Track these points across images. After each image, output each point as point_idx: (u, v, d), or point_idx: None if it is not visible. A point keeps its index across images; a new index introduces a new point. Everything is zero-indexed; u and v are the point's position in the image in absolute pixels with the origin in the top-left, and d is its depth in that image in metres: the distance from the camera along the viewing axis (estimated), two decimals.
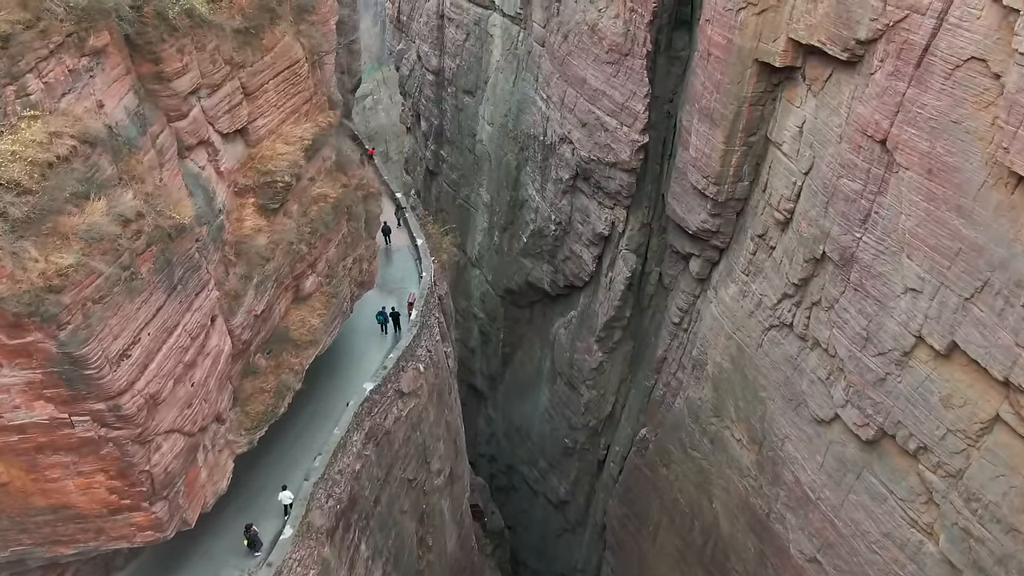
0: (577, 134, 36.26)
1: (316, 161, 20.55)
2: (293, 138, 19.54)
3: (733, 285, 31.40)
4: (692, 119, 30.11)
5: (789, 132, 26.32)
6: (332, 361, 23.83)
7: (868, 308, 23.71)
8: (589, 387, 43.54)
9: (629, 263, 37.06)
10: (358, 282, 23.02)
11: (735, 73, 26.78)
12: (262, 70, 18.52)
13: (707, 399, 33.90)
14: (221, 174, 17.71)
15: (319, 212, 20.04)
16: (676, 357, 37.43)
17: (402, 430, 23.94)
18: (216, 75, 16.90)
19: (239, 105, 17.95)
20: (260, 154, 18.69)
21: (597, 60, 33.56)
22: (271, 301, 18.62)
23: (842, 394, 25.42)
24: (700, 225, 31.16)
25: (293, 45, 19.62)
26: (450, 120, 50.77)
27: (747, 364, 30.86)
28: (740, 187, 29.34)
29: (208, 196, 16.96)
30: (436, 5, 48.40)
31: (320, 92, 21.32)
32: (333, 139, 21.77)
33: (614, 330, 40.43)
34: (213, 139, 17.29)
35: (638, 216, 36.15)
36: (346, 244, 21.66)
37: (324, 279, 20.85)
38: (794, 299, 27.43)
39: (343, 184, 21.53)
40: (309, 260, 19.95)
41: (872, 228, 23.03)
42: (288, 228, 18.94)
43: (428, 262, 29.89)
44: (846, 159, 23.39)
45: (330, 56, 24.58)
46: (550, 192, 40.92)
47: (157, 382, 13.93)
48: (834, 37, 22.62)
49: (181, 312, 14.56)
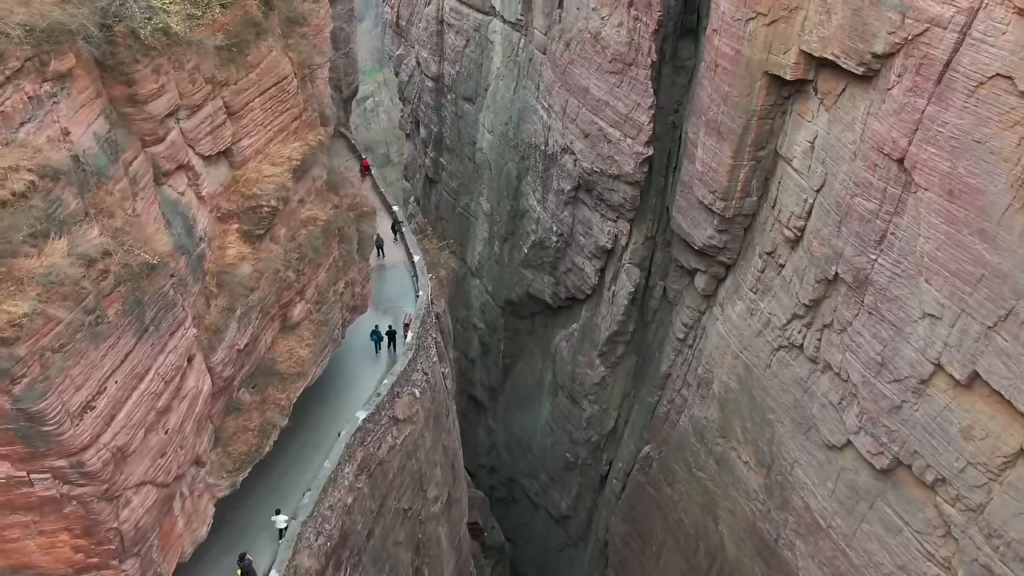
0: (579, 145, 35.27)
1: (306, 181, 19.56)
2: (281, 158, 18.53)
3: (740, 303, 30.39)
4: (698, 132, 29.09)
5: (800, 147, 25.31)
6: (323, 387, 22.86)
7: (883, 333, 22.72)
8: (591, 401, 42.58)
9: (632, 277, 36.06)
10: (350, 307, 22.01)
11: (743, 85, 25.77)
12: (247, 88, 17.52)
13: (713, 419, 32.91)
14: (202, 199, 16.73)
15: (308, 236, 19.03)
16: (681, 374, 36.44)
17: (397, 459, 22.96)
18: (196, 95, 15.90)
19: (222, 125, 16.96)
20: (245, 177, 17.70)
21: (600, 69, 32.56)
22: (256, 333, 17.63)
23: (855, 420, 24.43)
24: (706, 241, 30.15)
25: (281, 60, 18.63)
26: (450, 127, 49.78)
27: (755, 385, 29.87)
28: (748, 202, 28.33)
29: (187, 224, 15.98)
30: (435, 10, 47.40)
31: (311, 108, 20.33)
32: (324, 157, 20.77)
33: (617, 344, 39.45)
34: (193, 162, 16.31)
35: (642, 229, 35.15)
36: (337, 268, 20.65)
37: (313, 306, 19.86)
38: (804, 320, 26.43)
39: (334, 205, 20.52)
40: (297, 287, 18.95)
41: (888, 250, 22.02)
42: (274, 255, 17.94)
43: (425, 280, 28.85)
44: (861, 177, 22.38)
45: (323, 69, 23.61)
46: (551, 203, 39.93)
47: (125, 433, 12.94)
48: (849, 50, 21.61)
49: (153, 355, 13.59)
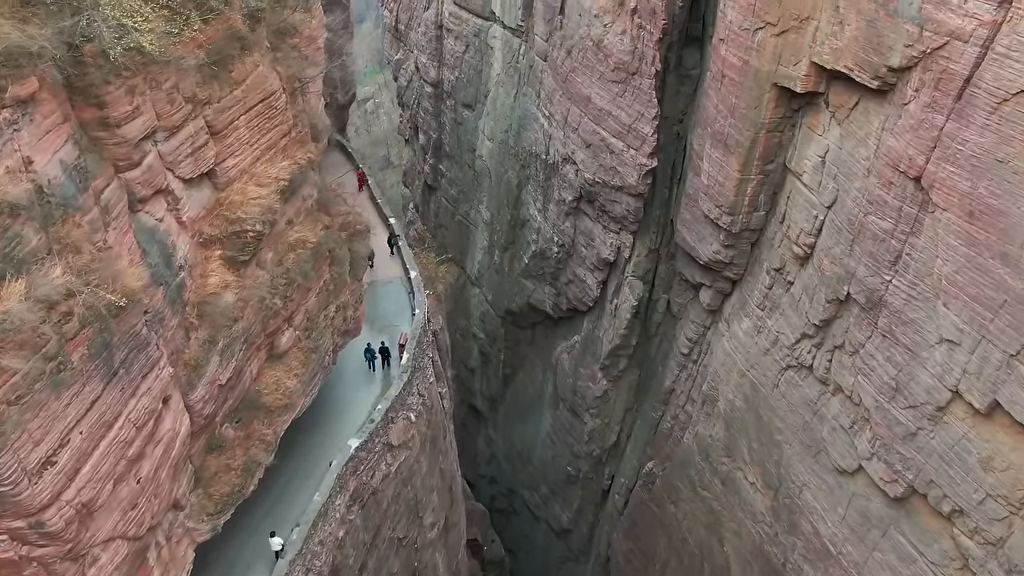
0: (581, 155, 34.36)
1: (294, 202, 18.66)
2: (268, 179, 17.64)
3: (747, 320, 29.48)
4: (704, 143, 28.18)
5: (810, 162, 24.39)
6: (314, 412, 21.97)
7: (898, 357, 21.81)
8: (593, 415, 41.70)
9: (636, 291, 35.15)
10: (342, 331, 21.11)
11: (751, 97, 24.86)
12: (231, 105, 16.62)
13: (718, 437, 32.02)
14: (183, 224, 15.84)
15: (297, 260, 18.13)
16: (685, 389, 35.55)
17: (391, 487, 22.08)
18: (175, 115, 14.99)
19: (204, 146, 16.06)
20: (229, 199, 16.80)
21: (602, 78, 31.65)
22: (239, 365, 16.74)
23: (867, 446, 23.53)
24: (712, 256, 29.24)
25: (268, 75, 17.74)
26: (449, 134, 48.88)
27: (762, 404, 28.97)
28: (756, 217, 27.42)
29: (166, 252, 15.08)
30: (435, 15, 46.49)
31: (301, 124, 19.42)
32: (315, 175, 19.88)
33: (619, 358, 38.55)
34: (173, 186, 15.41)
35: (645, 242, 34.24)
36: (328, 292, 19.75)
37: (302, 333, 18.95)
38: (814, 340, 25.52)
39: (325, 225, 19.61)
40: (285, 315, 18.05)
41: (903, 271, 21.11)
42: (260, 281, 17.04)
43: (421, 297, 27.94)
44: (875, 195, 21.47)
45: (316, 81, 22.73)
46: (552, 213, 39.03)
47: (92, 487, 12.06)
48: (863, 63, 20.69)
49: (124, 400, 12.70)
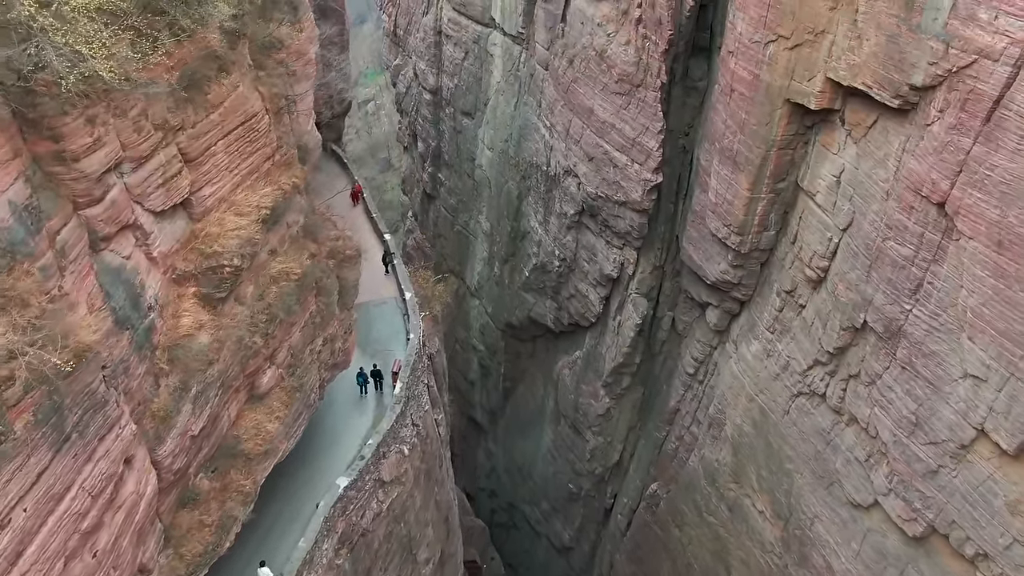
0: (583, 168, 33.19)
1: (278, 229, 17.52)
2: (248, 207, 16.51)
3: (756, 342, 28.30)
4: (711, 159, 26.99)
5: (824, 181, 23.20)
6: (301, 445, 20.76)
7: (918, 390, 20.63)
8: (595, 433, 40.53)
9: (639, 309, 33.97)
10: (329, 365, 19.95)
11: (762, 113, 23.68)
12: (208, 130, 15.50)
13: (725, 462, 30.84)
14: (154, 260, 14.71)
15: (279, 294, 16.98)
16: (690, 410, 34.38)
17: (383, 526, 20.94)
18: (143, 145, 13.86)
19: (177, 175, 14.93)
20: (205, 231, 15.67)
21: (606, 90, 30.47)
22: (215, 411, 15.60)
23: (884, 481, 22.35)
24: (719, 276, 28.06)
25: (249, 96, 16.61)
26: (448, 142, 47.73)
27: (771, 431, 27.80)
28: (766, 237, 26.23)
29: (133, 293, 13.97)
30: (433, 20, 45.35)
31: (286, 145, 18.29)
32: (302, 199, 18.74)
33: (622, 376, 37.38)
34: (141, 220, 14.29)
35: (649, 258, 33.05)
36: (314, 325, 18.61)
37: (286, 371, 17.81)
38: (827, 368, 24.33)
39: (311, 254, 18.46)
40: (266, 353, 16.90)
41: (925, 301, 19.93)
42: (239, 319, 15.91)
43: (417, 320, 26.78)
44: (894, 219, 20.28)
45: (307, 96, 21.60)
46: (554, 226, 37.85)
47: (38, 570, 10.89)
48: (883, 80, 19.50)
49: (77, 467, 11.59)
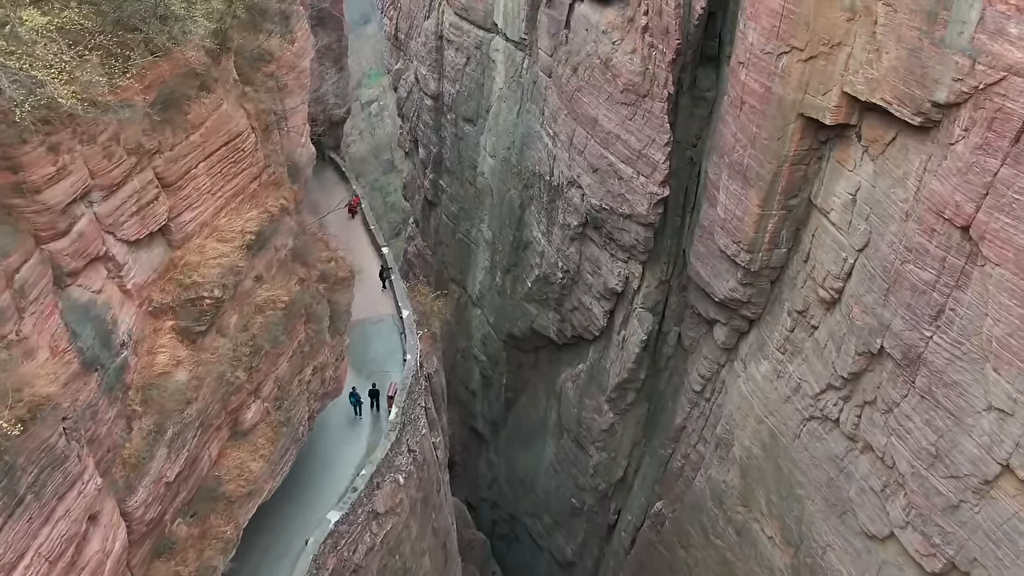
0: (587, 179, 32.22)
1: (264, 254, 16.61)
2: (232, 233, 15.61)
3: (766, 362, 27.30)
4: (720, 173, 26.01)
5: (839, 199, 22.20)
6: (291, 472, 19.86)
7: (938, 421, 19.64)
8: (599, 448, 39.58)
9: (645, 324, 32.99)
10: (319, 395, 19.03)
11: (774, 127, 22.68)
12: (187, 152, 14.61)
13: (733, 484, 29.86)
14: (128, 293, 13.82)
15: (265, 325, 16.06)
16: (697, 428, 33.41)
17: (377, 559, 20.05)
18: (114, 171, 12.98)
19: (153, 202, 14.04)
20: (185, 259, 14.77)
21: (611, 100, 29.50)
22: (194, 453, 14.69)
23: (901, 513, 21.37)
24: (728, 294, 27.08)
25: (234, 114, 15.71)
26: (449, 149, 46.80)
27: (781, 454, 26.81)
28: (776, 255, 25.24)
29: (103, 330, 13.08)
30: (435, 25, 44.40)
31: (274, 164, 17.38)
32: (291, 220, 17.82)
33: (627, 391, 36.41)
34: (114, 251, 13.40)
35: (655, 272, 32.06)
36: (303, 354, 17.68)
37: (272, 404, 16.88)
38: (841, 392, 23.35)
39: (301, 278, 17.54)
40: (250, 388, 16.01)
41: (946, 328, 18.93)
42: (220, 353, 15.01)
43: (414, 340, 25.84)
44: (914, 242, 19.28)
45: (300, 110, 20.70)
46: (557, 237, 36.90)
47: None
48: (903, 96, 18.49)
49: (32, 532, 10.68)
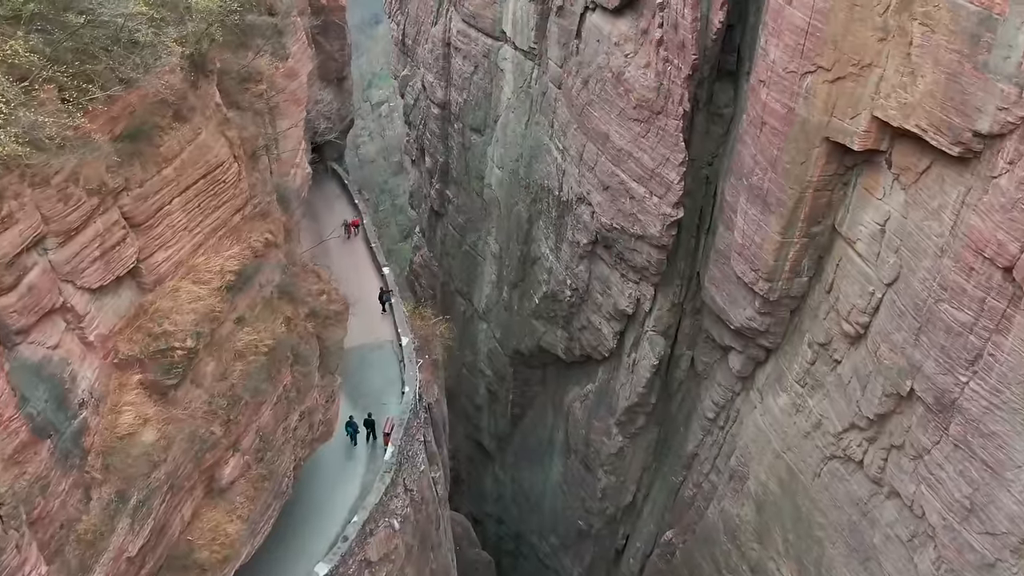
0: (597, 197, 30.89)
1: (247, 293, 15.35)
2: (210, 273, 14.36)
3: (784, 395, 25.90)
4: (738, 197, 24.62)
5: (866, 229, 20.78)
6: (280, 514, 18.57)
7: (974, 472, 18.22)
8: (607, 472, 38.27)
9: (656, 348, 31.62)
10: (307, 442, 17.71)
11: (797, 151, 21.29)
12: (159, 188, 13.41)
13: (748, 519, 28.46)
14: (90, 345, 12.64)
15: (245, 373, 14.77)
16: (709, 457, 32.04)
17: None
18: (71, 215, 11.77)
19: (120, 244, 12.83)
20: (156, 305, 13.57)
21: (623, 115, 28.15)
22: (162, 520, 13.38)
23: (931, 567, 19.95)
24: (745, 322, 25.70)
25: (213, 144, 14.49)
26: (456, 158, 45.59)
27: (800, 492, 25.41)
28: (797, 283, 23.84)
29: (59, 391, 11.84)
30: (442, 31, 43.17)
31: (262, 194, 16.15)
32: (279, 253, 16.56)
33: (637, 415, 35.07)
34: (73, 302, 12.21)
35: (668, 295, 30.68)
36: (288, 401, 16.36)
37: (253, 457, 15.54)
38: (866, 433, 21.93)
39: (287, 317, 16.26)
40: (227, 443, 14.76)
41: (984, 374, 17.50)
42: (194, 407, 13.74)
43: (414, 371, 24.54)
44: (950, 280, 17.85)
45: (295, 129, 19.50)
46: (565, 254, 35.59)
47: None
48: (940, 124, 17.07)
49: None
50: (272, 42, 18.71)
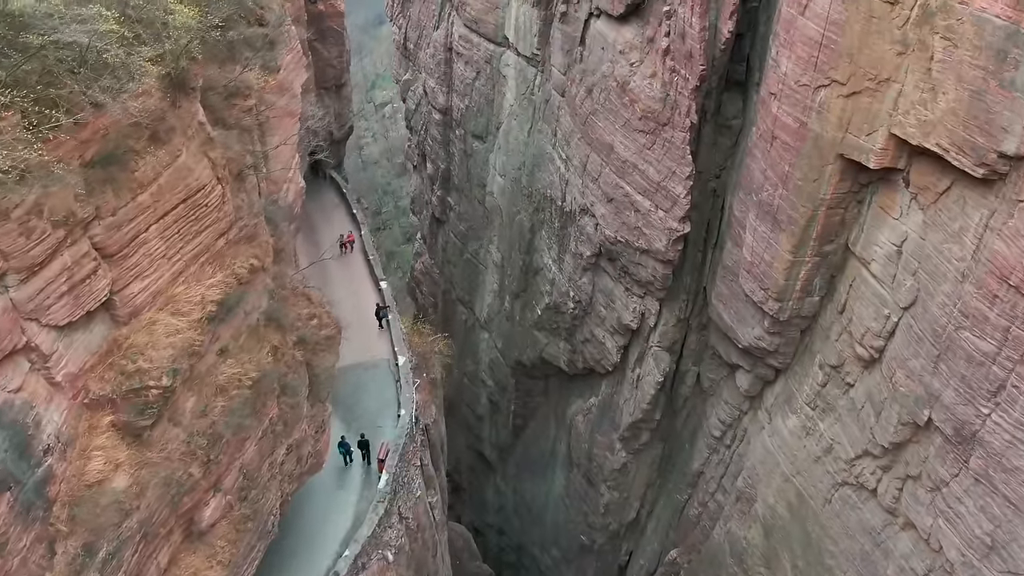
0: (601, 209, 30.04)
1: (231, 322, 14.55)
2: (190, 303, 13.54)
3: (793, 417, 25.03)
4: (747, 212, 23.76)
5: (882, 249, 19.90)
6: (269, 546, 17.78)
7: (995, 508, 17.34)
8: (610, 488, 37.45)
9: (661, 365, 30.76)
10: (295, 476, 16.88)
11: (810, 167, 20.42)
12: (135, 216, 12.61)
13: (755, 543, 27.60)
14: (57, 386, 11.86)
15: (228, 407, 13.92)
16: (715, 476, 31.19)
17: None
18: (35, 249, 10.96)
19: (90, 276, 12.05)
20: (130, 340, 12.77)
21: (628, 126, 27.30)
22: (135, 571, 12.42)
23: None
24: (753, 341, 24.84)
25: (194, 166, 13.69)
26: (458, 165, 44.79)
27: (809, 518, 24.54)
28: (808, 303, 22.97)
29: (21, 438, 11.03)
30: (444, 36, 42.37)
31: (248, 215, 15.32)
32: (265, 279, 15.76)
33: (641, 431, 34.23)
34: (38, 341, 11.41)
35: (673, 310, 29.82)
36: (275, 435, 15.51)
37: (236, 496, 14.71)
38: (880, 461, 21.06)
39: (274, 346, 15.45)
40: (207, 484, 13.91)
41: (1008, 406, 16.62)
42: (171, 448, 12.91)
43: (410, 392, 23.73)
44: (972, 307, 16.97)
45: (287, 143, 18.70)
46: (568, 265, 34.76)
47: None
48: (963, 144, 16.18)
49: None
50: (262, 54, 17.89)
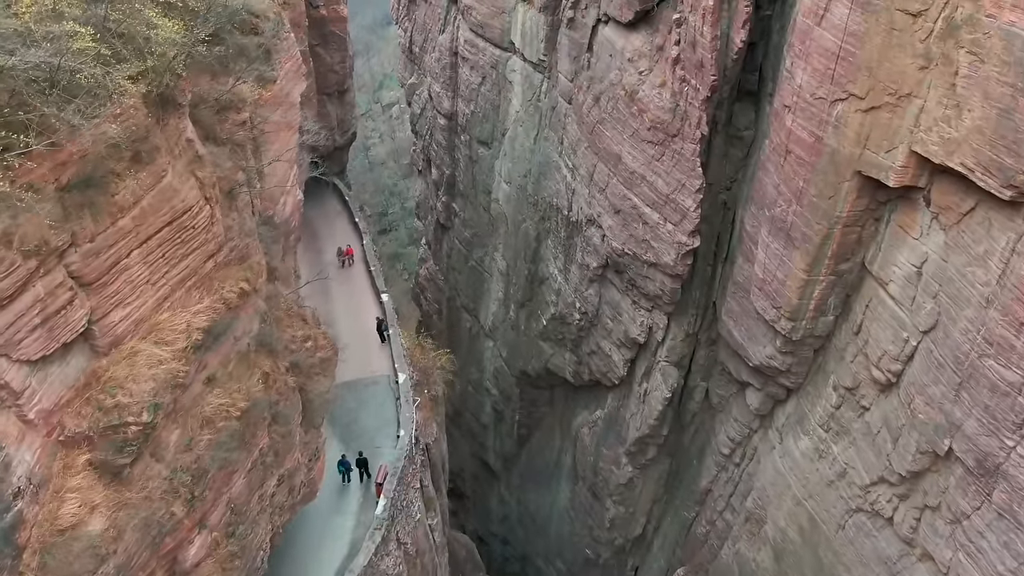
0: (609, 220, 29.29)
1: (219, 349, 13.90)
2: (174, 332, 12.87)
3: (805, 438, 24.24)
4: (759, 228, 22.98)
5: (901, 270, 19.09)
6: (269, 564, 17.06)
7: (1020, 545, 16.54)
8: (615, 502, 36.72)
9: (669, 380, 30.00)
10: (287, 507, 16.17)
11: (825, 184, 19.63)
12: (115, 241, 11.98)
13: (765, 566, 26.83)
14: (30, 423, 11.23)
15: (214, 440, 13.25)
16: (724, 494, 30.41)
17: None
18: (3, 282, 10.35)
19: (66, 307, 11.42)
20: (109, 373, 12.13)
21: (636, 136, 26.54)
22: None
23: None
24: (764, 360, 24.07)
25: (180, 187, 13.04)
26: (463, 171, 44.09)
27: (822, 543, 23.75)
28: (823, 322, 22.18)
29: None
30: (449, 40, 41.68)
31: (239, 235, 14.66)
32: (257, 301, 15.09)
33: (647, 446, 33.48)
34: (8, 377, 10.75)
35: (682, 324, 29.05)
36: (265, 466, 14.80)
37: (223, 532, 14.06)
38: (897, 490, 20.25)
39: (265, 373, 14.77)
40: (191, 523, 13.25)
41: None
42: (151, 487, 12.24)
43: (410, 412, 23.03)
44: (996, 334, 16.16)
45: (285, 156, 18.05)
46: (575, 276, 34.03)
47: None
48: (989, 164, 15.38)
49: None
50: (257, 64, 17.23)
